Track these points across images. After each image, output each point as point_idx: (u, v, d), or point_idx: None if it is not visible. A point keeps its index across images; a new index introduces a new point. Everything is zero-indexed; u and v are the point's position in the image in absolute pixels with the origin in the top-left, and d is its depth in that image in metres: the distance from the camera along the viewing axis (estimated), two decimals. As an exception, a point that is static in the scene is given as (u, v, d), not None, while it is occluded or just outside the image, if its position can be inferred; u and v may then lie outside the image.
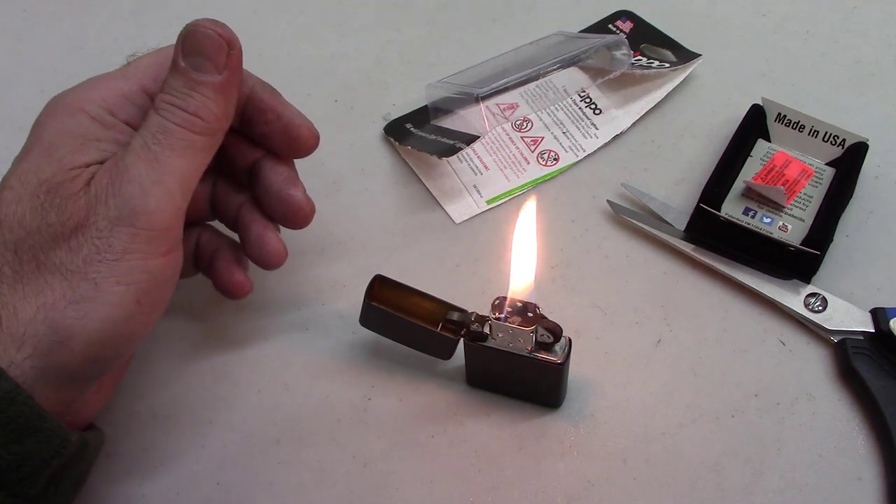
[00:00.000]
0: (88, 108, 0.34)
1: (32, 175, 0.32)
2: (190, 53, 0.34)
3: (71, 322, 0.30)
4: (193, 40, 0.34)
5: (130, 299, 0.32)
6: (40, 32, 0.59)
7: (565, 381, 0.40)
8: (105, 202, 0.32)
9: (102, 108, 0.34)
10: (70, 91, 0.35)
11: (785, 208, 0.46)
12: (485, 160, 0.51)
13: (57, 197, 0.31)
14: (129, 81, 0.35)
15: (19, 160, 0.33)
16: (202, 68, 0.34)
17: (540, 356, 0.38)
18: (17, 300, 0.30)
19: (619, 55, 0.53)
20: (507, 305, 0.37)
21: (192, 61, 0.34)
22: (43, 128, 0.34)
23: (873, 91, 0.53)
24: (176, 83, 0.34)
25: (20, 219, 0.31)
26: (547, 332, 0.37)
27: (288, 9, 0.60)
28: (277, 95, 0.39)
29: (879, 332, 0.41)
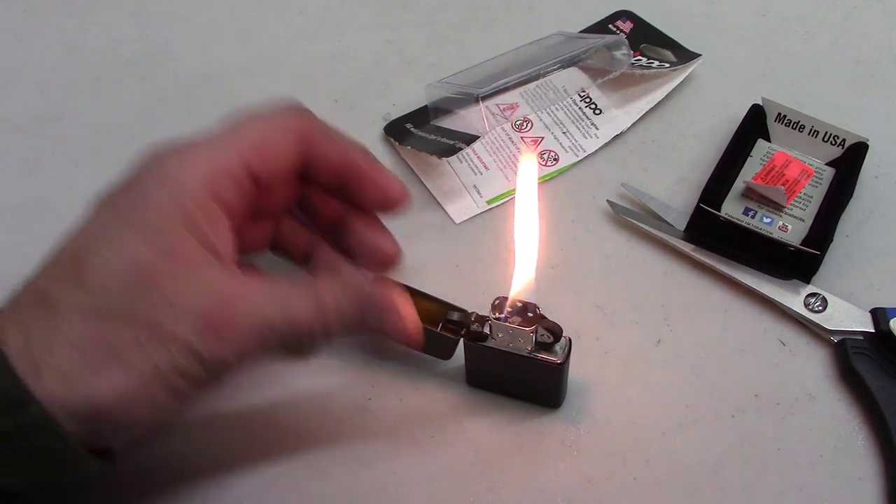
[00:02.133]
0: (191, 187, 0.33)
1: (128, 252, 0.31)
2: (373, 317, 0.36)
3: (115, 411, 0.30)
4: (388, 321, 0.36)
5: (164, 414, 0.32)
6: (40, 32, 0.60)
7: (565, 381, 0.40)
8: (189, 320, 0.31)
9: (204, 188, 0.33)
10: (173, 156, 0.34)
11: (785, 208, 0.46)
12: (485, 160, 0.51)
13: (150, 289, 0.31)
14: (232, 155, 0.34)
15: (114, 224, 0.32)
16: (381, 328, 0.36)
17: (540, 356, 0.37)
18: (69, 366, 0.30)
19: (619, 55, 0.53)
20: (507, 305, 0.37)
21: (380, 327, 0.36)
22: (144, 198, 0.32)
23: (873, 91, 0.53)
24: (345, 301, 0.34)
25: (103, 290, 0.31)
26: (547, 332, 0.37)
27: (288, 9, 0.60)
28: (377, 163, 0.39)
29: (879, 332, 0.41)
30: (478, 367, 0.41)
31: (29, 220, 0.50)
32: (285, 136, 0.36)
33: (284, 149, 0.36)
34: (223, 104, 0.54)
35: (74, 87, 0.56)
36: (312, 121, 0.37)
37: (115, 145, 0.53)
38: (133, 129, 0.54)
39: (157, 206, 0.32)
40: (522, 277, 0.39)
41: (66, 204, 0.51)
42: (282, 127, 0.36)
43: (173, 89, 0.56)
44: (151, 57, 0.58)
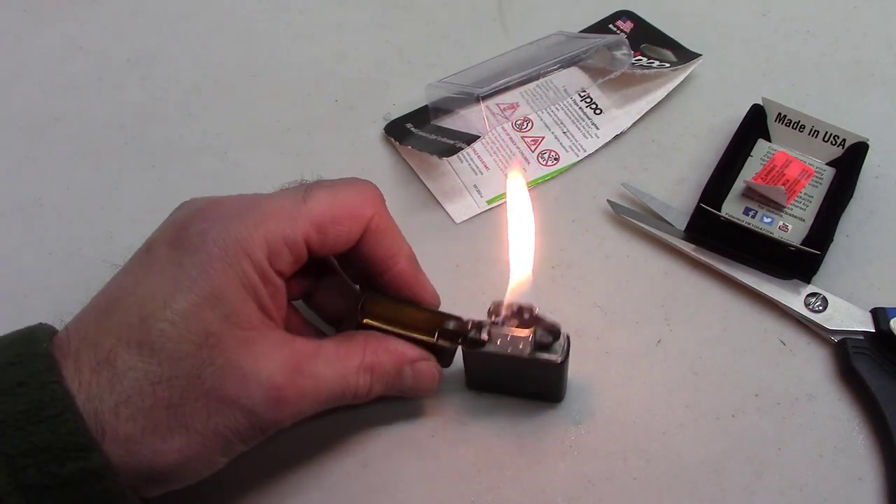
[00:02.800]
0: (251, 252, 0.33)
1: (198, 321, 0.32)
2: (415, 381, 0.39)
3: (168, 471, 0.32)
4: (423, 384, 0.39)
5: (215, 469, 0.34)
6: (40, 32, 0.60)
7: (566, 377, 0.40)
8: (259, 392, 0.33)
9: (263, 255, 0.33)
10: (230, 214, 0.34)
11: (785, 208, 0.46)
12: (485, 160, 0.51)
13: (219, 357, 0.32)
14: (295, 227, 0.34)
15: (179, 291, 0.32)
16: (405, 392, 0.39)
17: (539, 357, 0.37)
18: (131, 430, 0.31)
19: (619, 55, 0.53)
20: (503, 309, 0.37)
21: (409, 382, 0.38)
22: (208, 263, 0.32)
23: (873, 91, 0.53)
24: (389, 369, 0.37)
25: (175, 359, 0.31)
26: (545, 332, 0.37)
27: (288, 9, 0.60)
28: (419, 272, 0.39)
29: (880, 332, 0.41)
30: (477, 371, 0.40)
31: (29, 220, 0.50)
32: (352, 221, 0.36)
33: (348, 234, 0.36)
34: (223, 104, 0.55)
35: (74, 87, 0.56)
36: (382, 210, 0.38)
37: (115, 145, 0.53)
38: (133, 129, 0.54)
39: (222, 271, 0.32)
40: (518, 278, 0.39)
41: (66, 204, 0.51)
42: (350, 210, 0.36)
43: (173, 89, 0.56)
44: (151, 57, 0.58)
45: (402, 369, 0.38)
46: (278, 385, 0.33)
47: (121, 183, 0.51)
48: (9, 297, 0.47)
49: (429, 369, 0.38)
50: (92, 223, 0.50)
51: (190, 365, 0.31)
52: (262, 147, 0.52)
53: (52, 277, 0.47)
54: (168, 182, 0.51)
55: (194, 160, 0.52)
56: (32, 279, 0.47)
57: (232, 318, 0.32)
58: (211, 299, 0.32)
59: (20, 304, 0.46)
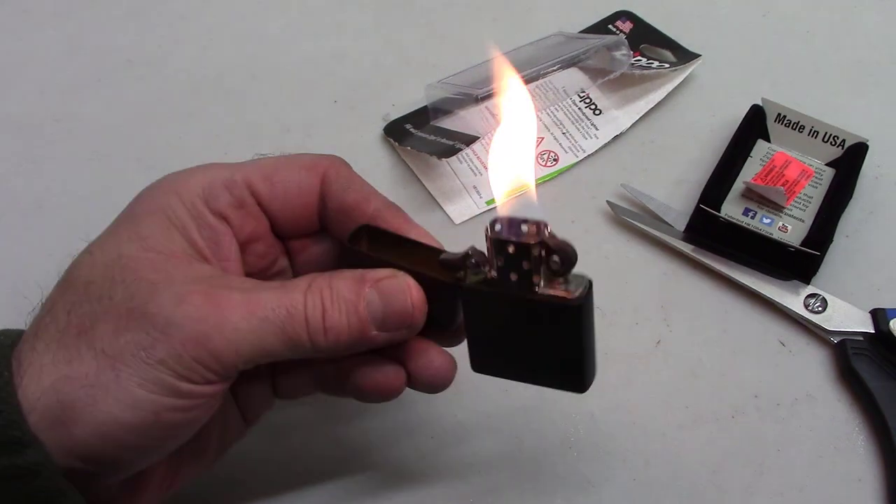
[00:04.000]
0: (183, 191, 0.33)
1: (114, 247, 0.31)
2: (382, 304, 0.31)
3: (78, 404, 0.28)
4: (394, 304, 0.31)
5: (147, 409, 0.28)
6: (40, 32, 0.59)
7: (590, 341, 0.31)
8: (170, 300, 0.29)
9: (197, 195, 0.33)
10: (178, 172, 0.34)
11: (785, 209, 0.46)
12: (484, 161, 0.51)
13: (130, 274, 0.30)
14: (236, 172, 0.34)
15: (108, 230, 0.32)
16: (380, 324, 0.31)
17: (552, 294, 0.29)
18: (47, 362, 0.29)
19: (618, 56, 0.53)
20: (506, 225, 0.29)
21: (375, 305, 0.31)
22: (136, 203, 0.33)
23: (873, 91, 0.53)
24: (345, 293, 0.31)
25: (87, 284, 0.30)
26: (556, 253, 0.29)
27: (288, 8, 0.60)
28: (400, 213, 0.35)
29: (879, 333, 0.41)
30: (482, 337, 0.32)
31: (29, 220, 0.50)
32: (300, 169, 0.35)
33: (297, 180, 0.34)
34: (223, 104, 0.55)
35: (74, 87, 0.56)
36: (339, 166, 0.35)
37: (115, 145, 0.53)
38: (133, 129, 0.54)
39: (146, 208, 0.32)
40: (516, 176, 0.32)
41: (65, 204, 0.51)
42: (300, 162, 0.35)
43: (173, 90, 0.56)
44: (151, 57, 0.58)
45: (363, 292, 0.31)
46: (192, 291, 0.29)
47: (120, 183, 0.51)
48: (9, 298, 0.47)
49: (397, 285, 0.31)
50: (91, 224, 0.49)
51: (100, 287, 0.30)
52: (262, 148, 0.52)
53: (51, 278, 0.47)
54: (167, 183, 0.51)
55: (194, 161, 0.51)
56: (32, 280, 0.47)
57: (149, 243, 0.31)
58: (128, 227, 0.32)
59: (20, 305, 0.46)
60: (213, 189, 0.33)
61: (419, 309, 0.31)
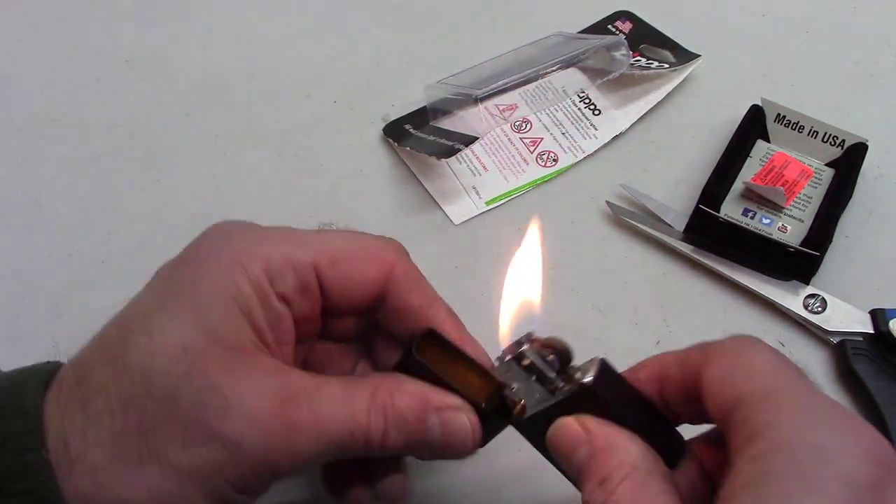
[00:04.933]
0: (249, 267, 0.30)
1: (178, 336, 0.28)
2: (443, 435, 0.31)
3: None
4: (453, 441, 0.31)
5: None
6: (40, 33, 0.60)
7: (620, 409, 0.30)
8: (242, 419, 0.27)
9: (263, 272, 0.30)
10: (239, 236, 0.31)
11: (784, 209, 0.46)
12: (484, 161, 0.51)
13: (198, 375, 0.28)
14: (303, 251, 0.31)
15: (169, 305, 0.29)
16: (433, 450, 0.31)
17: (570, 388, 0.30)
18: (102, 461, 0.27)
19: (618, 56, 0.53)
20: (506, 353, 0.32)
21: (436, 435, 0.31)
22: (199, 275, 0.29)
23: (873, 91, 0.53)
24: (409, 417, 0.30)
25: (147, 374, 0.28)
26: (547, 352, 0.31)
27: (288, 9, 0.60)
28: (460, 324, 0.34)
29: (879, 333, 0.41)
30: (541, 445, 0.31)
31: (28, 221, 0.50)
32: (368, 261, 0.32)
33: (363, 272, 0.32)
34: (223, 105, 0.55)
35: (74, 88, 0.56)
36: (404, 260, 0.33)
37: (114, 145, 0.53)
38: (133, 130, 0.54)
39: (211, 282, 0.29)
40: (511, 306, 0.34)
41: (64, 205, 0.51)
42: (368, 251, 0.33)
43: (173, 90, 0.56)
44: (151, 58, 0.58)
45: (426, 417, 0.30)
46: (265, 414, 0.28)
47: (119, 184, 0.51)
48: (8, 298, 0.47)
49: (461, 422, 0.31)
50: (90, 224, 0.50)
51: (164, 383, 0.28)
52: (261, 148, 0.53)
53: (50, 278, 0.47)
54: (167, 183, 0.51)
55: (193, 161, 0.52)
56: (31, 280, 0.47)
57: (217, 334, 0.28)
58: (194, 311, 0.29)
59: (19, 305, 0.46)
60: (280, 269, 0.30)
61: (476, 446, 0.32)
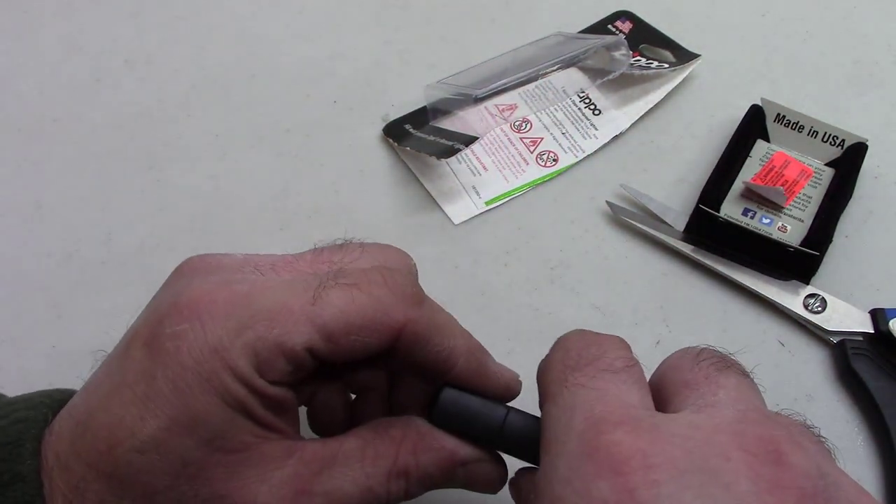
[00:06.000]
0: (235, 364, 0.27)
1: (175, 450, 0.26)
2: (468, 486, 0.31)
3: None
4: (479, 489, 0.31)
5: None
6: (40, 33, 0.59)
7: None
8: None
9: (250, 365, 0.27)
10: (220, 319, 0.27)
11: (784, 209, 0.46)
12: (484, 161, 0.51)
13: (203, 489, 0.26)
14: (294, 333, 0.27)
15: (151, 413, 0.26)
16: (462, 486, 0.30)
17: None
18: None
19: (618, 56, 0.53)
20: None
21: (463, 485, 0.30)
22: (179, 375, 0.26)
23: (873, 91, 0.53)
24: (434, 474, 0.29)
25: (151, 494, 0.26)
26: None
27: (287, 9, 0.60)
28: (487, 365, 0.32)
29: (879, 333, 0.41)
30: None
31: (28, 222, 0.50)
32: (374, 332, 0.28)
33: (365, 346, 0.28)
34: (221, 105, 0.55)
35: (74, 88, 0.56)
36: (418, 312, 0.29)
37: (113, 146, 0.53)
38: (131, 130, 0.54)
39: (198, 388, 0.26)
40: None
41: (64, 205, 0.51)
42: (374, 318, 0.28)
43: (172, 90, 0.56)
44: (149, 58, 0.58)
45: (453, 472, 0.30)
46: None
47: (119, 184, 0.51)
48: (8, 299, 0.47)
49: (486, 473, 0.30)
50: (90, 225, 0.50)
51: (168, 500, 0.26)
52: (261, 148, 0.52)
53: (50, 279, 0.47)
54: (166, 183, 0.51)
55: (193, 161, 0.52)
56: (31, 281, 0.47)
57: (215, 443, 0.26)
58: (186, 422, 0.26)
59: (19, 305, 0.46)
60: (267, 357, 0.27)
61: (500, 488, 0.31)
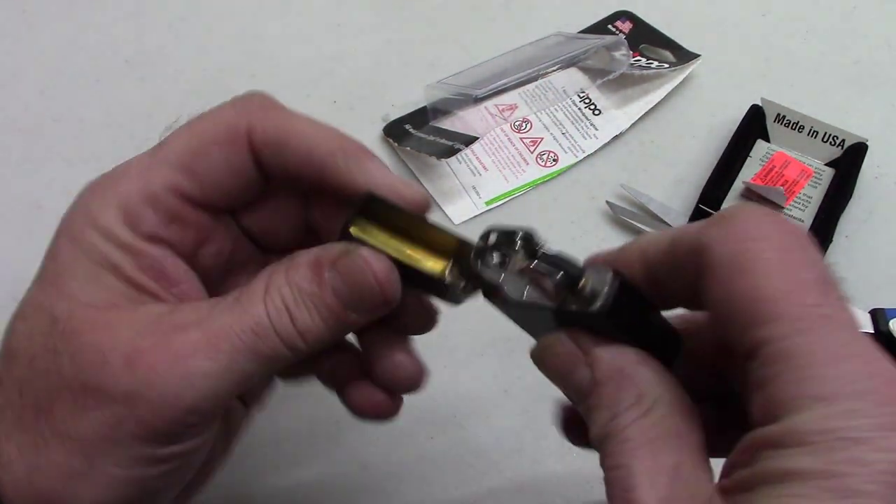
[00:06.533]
0: (100, 222, 0.27)
1: (46, 308, 0.27)
2: (346, 285, 0.27)
3: (60, 500, 0.25)
4: (358, 284, 0.27)
5: (133, 485, 0.26)
6: (40, 33, 0.59)
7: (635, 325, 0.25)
8: (123, 365, 0.25)
9: (117, 223, 0.27)
10: (90, 194, 0.28)
11: (784, 209, 0.46)
12: (484, 161, 0.51)
13: (72, 342, 0.26)
14: (152, 179, 0.28)
15: (36, 284, 0.28)
16: (355, 306, 0.27)
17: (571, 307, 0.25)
18: (13, 451, 0.26)
19: (618, 56, 0.53)
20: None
21: (340, 288, 0.27)
22: (57, 245, 0.28)
23: (873, 91, 0.53)
24: (306, 286, 0.26)
25: (30, 359, 0.26)
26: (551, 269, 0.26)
27: (288, 9, 0.60)
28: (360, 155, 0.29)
29: (879, 333, 0.41)
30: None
31: (28, 221, 0.50)
32: (222, 146, 0.28)
33: (226, 162, 0.28)
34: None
35: (74, 88, 0.56)
36: (264, 114, 0.29)
37: (114, 145, 0.53)
38: (132, 130, 0.54)
39: (67, 254, 0.27)
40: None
41: (65, 206, 0.51)
42: (213, 136, 0.28)
43: (172, 90, 0.56)
44: (150, 58, 0.58)
45: (324, 279, 0.26)
46: (143, 349, 0.25)
47: (120, 184, 0.51)
48: (8, 299, 0.47)
49: (356, 265, 0.26)
50: (91, 224, 0.50)
51: (44, 359, 0.26)
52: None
53: (51, 279, 0.47)
54: (167, 183, 0.51)
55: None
56: (31, 281, 0.47)
57: (81, 298, 0.26)
58: (55, 282, 0.27)
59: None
60: (133, 211, 0.27)
61: (387, 286, 0.27)
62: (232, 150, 0.28)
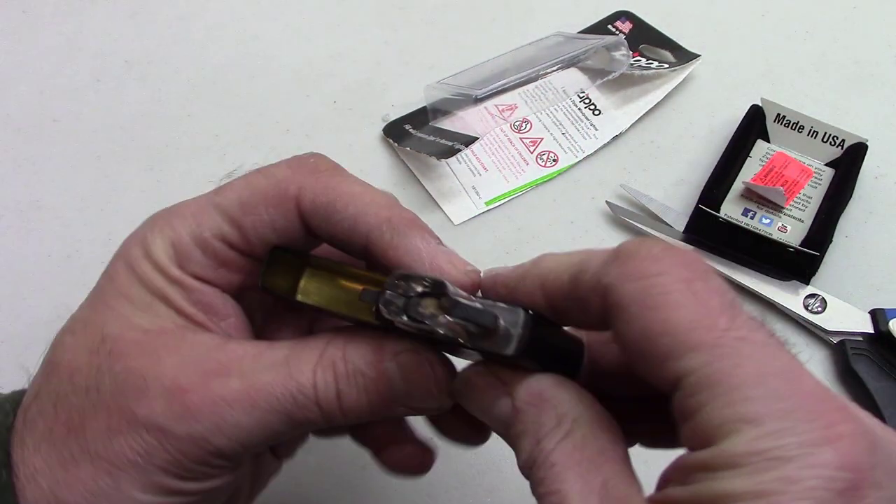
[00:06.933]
0: (155, 254, 0.28)
1: (98, 325, 0.27)
2: (404, 381, 0.27)
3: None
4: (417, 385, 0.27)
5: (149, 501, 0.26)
6: (40, 34, 0.60)
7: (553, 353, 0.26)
8: (161, 397, 0.26)
9: (169, 259, 0.28)
10: (150, 221, 0.29)
11: (784, 209, 0.46)
12: (484, 161, 0.51)
13: (117, 362, 0.26)
14: (201, 224, 0.28)
15: (89, 302, 0.29)
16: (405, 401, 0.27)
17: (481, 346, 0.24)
18: (40, 463, 0.26)
19: (618, 56, 0.53)
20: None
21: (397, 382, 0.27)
22: (114, 268, 0.29)
23: (873, 91, 0.53)
24: (363, 368, 0.27)
25: (72, 372, 0.27)
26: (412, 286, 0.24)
27: (287, 9, 0.60)
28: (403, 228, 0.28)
29: (879, 333, 0.41)
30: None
31: (28, 221, 0.50)
32: (269, 206, 0.28)
33: (270, 222, 0.28)
34: (222, 105, 0.55)
35: (74, 88, 0.56)
36: (314, 180, 0.29)
37: (114, 145, 0.53)
38: (132, 130, 0.54)
39: (123, 278, 0.28)
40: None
41: (64, 205, 0.51)
42: (266, 194, 0.29)
43: (172, 90, 0.56)
44: (149, 58, 0.58)
45: (381, 364, 0.27)
46: (184, 387, 0.26)
47: (119, 184, 0.51)
48: (8, 300, 0.47)
49: (416, 362, 0.27)
50: (91, 225, 0.50)
51: (87, 376, 0.27)
52: (261, 148, 0.52)
53: (50, 279, 0.47)
54: (167, 183, 0.51)
55: (193, 162, 0.52)
56: (31, 281, 0.47)
57: (133, 321, 0.27)
58: (110, 302, 0.28)
59: (19, 307, 0.46)
60: (183, 251, 0.28)
61: (444, 395, 0.27)
62: (278, 212, 0.28)
